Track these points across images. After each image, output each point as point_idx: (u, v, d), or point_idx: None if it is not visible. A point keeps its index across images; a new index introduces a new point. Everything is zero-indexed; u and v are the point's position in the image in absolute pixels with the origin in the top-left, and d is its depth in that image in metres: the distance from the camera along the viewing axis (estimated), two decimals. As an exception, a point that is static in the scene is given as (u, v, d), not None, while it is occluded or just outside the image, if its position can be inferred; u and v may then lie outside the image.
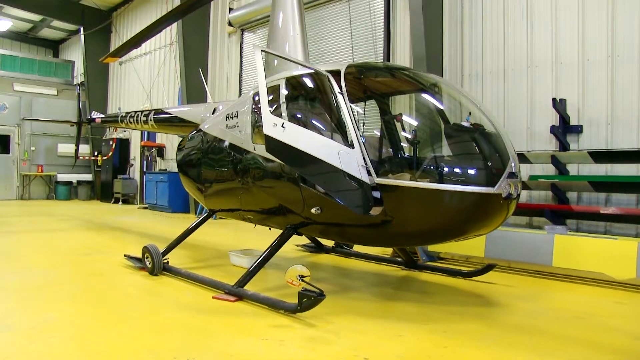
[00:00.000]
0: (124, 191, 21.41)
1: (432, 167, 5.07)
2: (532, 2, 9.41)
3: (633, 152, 7.95)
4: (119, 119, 11.82)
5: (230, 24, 16.34)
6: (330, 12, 13.06)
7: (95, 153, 23.70)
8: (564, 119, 8.73)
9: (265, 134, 5.07)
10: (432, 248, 8.17)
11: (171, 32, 18.78)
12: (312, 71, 5.76)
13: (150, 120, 10.33)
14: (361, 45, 12.02)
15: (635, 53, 8.21)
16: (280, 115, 5.57)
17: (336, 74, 5.45)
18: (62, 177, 23.69)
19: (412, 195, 4.84)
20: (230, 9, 16.31)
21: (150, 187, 18.46)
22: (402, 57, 11.32)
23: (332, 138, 5.30)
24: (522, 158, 8.64)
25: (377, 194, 5.05)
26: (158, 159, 20.23)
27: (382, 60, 11.48)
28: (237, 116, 6.78)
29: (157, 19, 9.32)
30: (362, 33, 12.07)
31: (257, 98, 6.26)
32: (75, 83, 26.56)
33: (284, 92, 5.93)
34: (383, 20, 11.70)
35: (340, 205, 5.10)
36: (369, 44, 11.77)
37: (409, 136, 5.81)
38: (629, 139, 8.22)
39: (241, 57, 16.39)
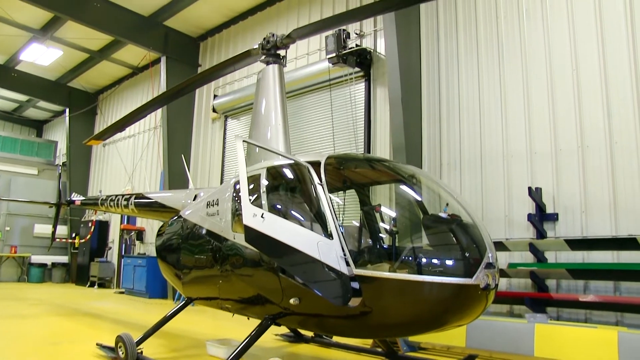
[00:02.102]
0: (100, 275, 20.96)
1: (410, 258, 5.11)
2: (506, 96, 9.79)
3: (607, 239, 8.08)
4: (99, 202, 11.79)
5: (214, 111, 16.66)
6: (312, 100, 13.42)
7: (73, 235, 23.37)
8: (540, 207, 8.89)
9: (244, 224, 5.10)
10: (412, 338, 8.06)
11: (156, 116, 19.08)
12: (293, 162, 5.88)
13: (131, 204, 10.34)
14: (342, 134, 12.31)
15: (602, 143, 8.51)
16: (260, 205, 5.63)
17: (316, 164, 5.56)
18: (37, 258, 23.08)
19: (391, 286, 4.84)
20: (215, 96, 16.70)
21: (128, 271, 18.13)
22: (382, 146, 11.57)
23: (311, 229, 5.35)
24: (501, 246, 8.73)
25: (355, 285, 5.04)
26: (137, 242, 19.98)
27: (362, 149, 11.74)
28: (217, 204, 6.83)
29: (143, 104, 9.51)
30: (343, 122, 12.39)
31: (238, 187, 6.33)
32: (56, 163, 26.55)
33: (264, 182, 6.02)
34: (364, 110, 12.04)
35: (319, 296, 5.07)
36: (350, 132, 12.07)
37: (388, 227, 5.87)
38: (602, 226, 8.34)
39: (224, 143, 16.59)
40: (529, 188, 8.88)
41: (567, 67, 9.09)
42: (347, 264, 5.01)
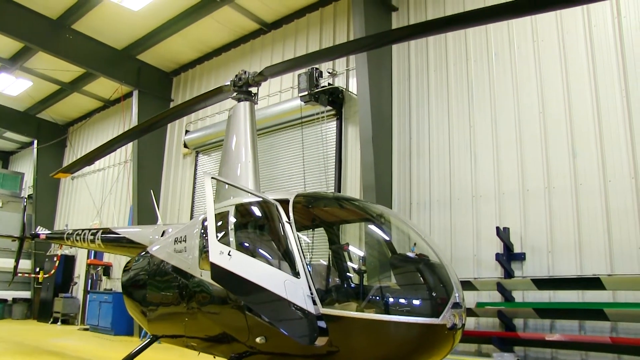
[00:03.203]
0: (64, 311, 20.36)
1: (377, 298, 5.10)
2: (475, 137, 10.00)
3: (573, 279, 8.22)
4: (65, 236, 11.56)
5: (185, 146, 16.60)
6: (284, 138, 13.48)
7: (37, 269, 22.72)
8: (507, 246, 9.00)
9: (211, 262, 5.05)
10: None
11: (126, 150, 18.92)
12: (261, 200, 5.87)
13: (98, 239, 10.16)
14: (313, 172, 12.36)
15: (567, 185, 8.71)
16: (227, 243, 5.59)
17: (285, 203, 5.57)
18: (-3, 293, 22.37)
19: (358, 325, 4.83)
20: (187, 131, 16.65)
21: (94, 307, 17.65)
22: (353, 185, 11.64)
23: (279, 267, 5.32)
24: (469, 285, 8.79)
25: (322, 324, 5.00)
26: (104, 278, 19.56)
27: (333, 188, 11.81)
28: (185, 240, 6.76)
29: (114, 137, 9.46)
30: (314, 160, 12.45)
31: (206, 223, 6.28)
32: (22, 196, 26.02)
33: (232, 219, 5.99)
34: (335, 149, 12.14)
35: (286, 335, 5.02)
36: (321, 171, 12.13)
37: (356, 266, 5.88)
38: (568, 266, 8.47)
39: (195, 179, 16.49)
40: (497, 228, 9.00)
41: (534, 109, 9.34)
42: (314, 302, 4.98)
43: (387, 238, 5.80)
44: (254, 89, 7.92)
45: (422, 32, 7.70)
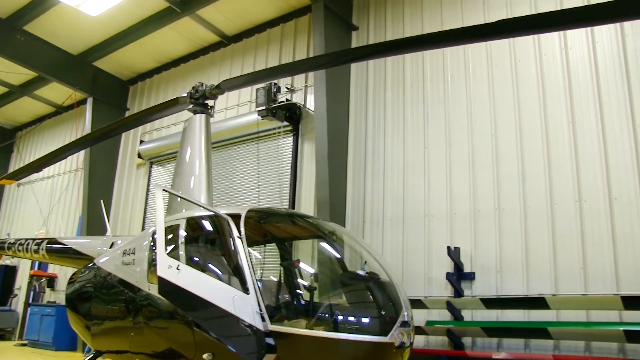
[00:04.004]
0: (1, 325, 19.38)
1: (327, 315, 5.11)
2: (429, 157, 10.13)
3: (520, 298, 8.38)
4: (6, 245, 11.11)
5: (139, 156, 16.28)
6: (240, 152, 13.39)
7: (-28, 281, 21.65)
8: (458, 266, 9.12)
9: (158, 276, 4.97)
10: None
11: (78, 158, 18.45)
12: (213, 214, 5.82)
13: (42, 249, 9.84)
14: (268, 187, 12.32)
15: (516, 206, 8.91)
16: (176, 257, 5.51)
17: (236, 217, 5.53)
18: None
19: (306, 342, 4.82)
20: (142, 141, 16.38)
21: (34, 320, 16.83)
22: (307, 201, 11.63)
23: (228, 282, 5.27)
24: (420, 304, 8.86)
25: (271, 341, 4.97)
26: (48, 290, 18.81)
27: (287, 203, 11.78)
28: (134, 253, 6.63)
29: (65, 144, 9.23)
30: (269, 175, 12.41)
31: (155, 236, 6.18)
32: (-38, 202, 24.97)
33: (182, 233, 5.92)
34: (290, 164, 12.11)
35: (233, 352, 4.97)
36: (276, 186, 12.10)
37: (306, 282, 5.89)
38: (515, 286, 8.63)
39: (148, 190, 16.17)
40: (448, 247, 9.12)
41: (486, 132, 9.55)
42: (263, 319, 4.95)
43: (338, 256, 5.83)
44: (210, 102, 7.90)
45: (381, 52, 7.84)
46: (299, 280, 6.18)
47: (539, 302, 8.02)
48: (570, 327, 7.81)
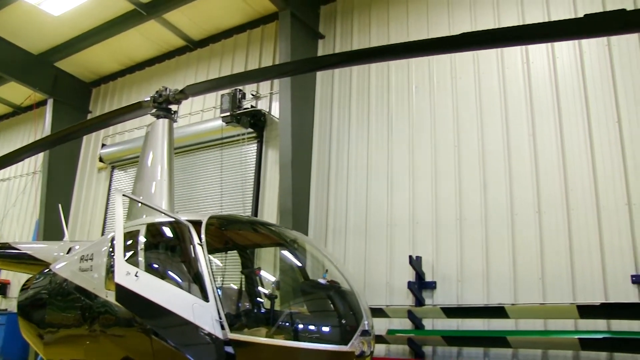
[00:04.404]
0: (-53, 334, 18.51)
1: (287, 324, 5.09)
2: (393, 166, 10.22)
3: (480, 307, 8.49)
4: (-46, 251, 10.69)
5: (101, 160, 15.96)
6: (203, 158, 13.26)
7: None
8: (419, 275, 9.19)
9: (116, 282, 4.87)
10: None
11: (36, 160, 17.97)
12: (173, 220, 5.73)
13: (-6, 255, 9.52)
14: (231, 194, 12.22)
15: (477, 217, 9.04)
16: (135, 263, 5.40)
17: (197, 224, 5.46)
18: None
19: (265, 351, 4.78)
20: (103, 145, 16.06)
21: (-17, 329, 16.25)
22: (270, 208, 11.57)
23: (188, 290, 5.19)
24: (381, 312, 8.89)
25: (230, 350, 4.91)
26: (-1, 297, 18.22)
27: (250, 211, 11.71)
28: (92, 259, 6.48)
29: (22, 146, 9.00)
30: (233, 182, 12.32)
31: (114, 242, 6.07)
32: None
33: (142, 239, 5.81)
34: (254, 172, 12.05)
35: (191, 360, 4.90)
36: (239, 193, 12.02)
37: (267, 291, 5.85)
38: (476, 295, 8.74)
39: (109, 195, 15.84)
40: (410, 257, 9.18)
41: (449, 143, 9.67)
42: (222, 327, 4.88)
43: (300, 264, 5.82)
44: (174, 107, 7.81)
45: (347, 62, 7.88)
46: (260, 288, 6.14)
47: (498, 312, 8.13)
48: (529, 335, 7.95)
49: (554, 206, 8.43)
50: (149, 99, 7.78)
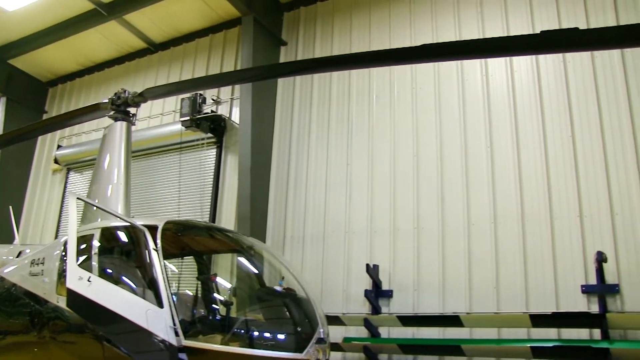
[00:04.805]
0: None
1: (242, 331, 5.06)
2: (352, 175, 10.27)
3: (435, 316, 8.60)
4: None
5: (56, 162, 15.54)
6: (162, 162, 13.08)
7: None
8: (376, 283, 9.23)
9: (67, 288, 4.76)
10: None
11: (-13, 161, 17.42)
12: (129, 224, 5.64)
13: (-64, 258, 9.13)
14: (189, 200, 12.08)
15: (434, 227, 9.15)
16: (88, 268, 5.30)
17: (153, 229, 5.38)
18: None
19: (220, 359, 4.73)
20: (59, 146, 15.66)
21: None
22: (228, 215, 11.47)
23: (142, 296, 5.11)
24: (337, 320, 8.88)
25: (184, 357, 4.84)
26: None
27: (208, 216, 11.60)
28: (43, 263, 6.31)
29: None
30: (191, 187, 12.18)
31: (67, 246, 5.93)
32: None
33: (96, 243, 5.69)
34: (213, 177, 11.94)
35: (144, 368, 4.81)
36: (197, 198, 11.89)
37: (223, 297, 5.81)
38: (431, 304, 8.83)
39: (64, 197, 15.44)
40: (367, 265, 9.21)
41: (408, 153, 9.78)
42: (177, 334, 4.82)
43: (256, 271, 5.80)
44: (132, 109, 7.70)
45: (309, 69, 7.91)
46: (215, 294, 6.09)
47: (453, 320, 8.23)
48: (483, 344, 8.06)
49: (509, 217, 8.59)
50: (107, 100, 7.65)
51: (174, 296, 5.07)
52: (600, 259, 7.33)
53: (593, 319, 7.37)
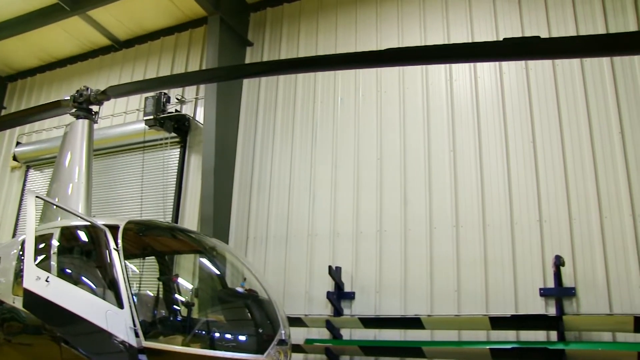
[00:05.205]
0: None
1: (203, 332, 5.05)
2: (315, 177, 10.29)
3: (397, 318, 8.68)
4: None
5: (15, 159, 15.17)
6: (125, 161, 12.87)
7: None
8: (339, 285, 9.28)
9: (24, 288, 4.67)
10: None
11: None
12: (89, 224, 5.56)
13: None
14: (152, 200, 11.92)
15: (397, 229, 9.24)
16: (47, 268, 5.20)
17: (114, 229, 5.32)
18: None
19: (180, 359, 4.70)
20: (18, 143, 15.29)
21: None
22: (191, 215, 11.39)
23: (102, 296, 5.04)
24: (300, 322, 8.88)
25: (143, 358, 4.80)
26: None
27: (170, 217, 11.49)
28: (-1, 262, 6.17)
29: None
30: (154, 187, 12.02)
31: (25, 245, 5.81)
32: None
33: (55, 242, 5.60)
34: (176, 177, 11.83)
35: (102, 369, 4.75)
36: (160, 198, 11.75)
37: (185, 298, 5.77)
38: (393, 306, 8.90)
39: (22, 196, 15.07)
40: (330, 267, 9.25)
41: (372, 156, 9.84)
42: (137, 335, 4.77)
43: (218, 272, 5.78)
44: (95, 107, 7.61)
45: (274, 70, 7.94)
46: (177, 295, 6.05)
47: (414, 323, 8.33)
48: (443, 346, 8.18)
49: (470, 221, 8.73)
50: (68, 98, 7.54)
51: (134, 297, 5.02)
52: (559, 262, 7.52)
53: (550, 321, 7.57)
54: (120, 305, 4.86)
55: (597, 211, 7.93)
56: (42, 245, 5.56)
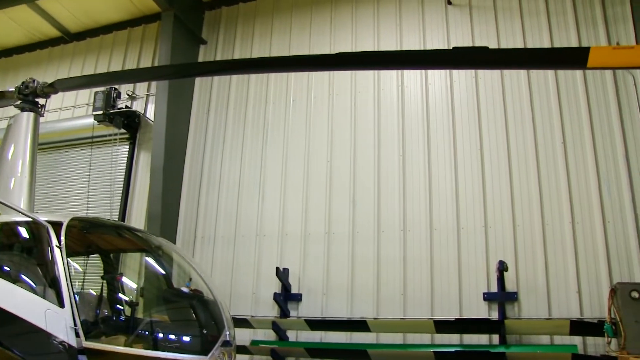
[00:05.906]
0: None
1: (146, 332, 4.98)
2: (265, 177, 10.29)
3: (343, 321, 8.78)
4: None
5: (-45, 151, 14.62)
6: (72, 156, 12.53)
7: None
8: (286, 287, 9.28)
9: (-43, 285, 4.51)
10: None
11: None
12: (30, 220, 5.41)
13: None
14: (99, 196, 11.66)
15: (345, 232, 9.33)
16: (-17, 264, 5.04)
17: (57, 225, 5.19)
18: None
19: (122, 361, 4.62)
20: (-41, 134, 14.75)
21: None
22: (139, 213, 11.20)
23: (42, 295, 4.90)
24: (246, 323, 8.86)
25: (83, 359, 4.69)
26: None
27: (117, 214, 11.28)
28: None
29: None
30: (101, 183, 11.76)
31: (-39, 241, 5.62)
32: None
33: (-7, 238, 5.43)
34: (124, 174, 11.64)
35: (41, 371, 4.62)
36: (107, 195, 11.50)
37: (129, 298, 5.68)
38: (340, 309, 8.98)
39: (-40, 189, 14.52)
40: (277, 268, 9.23)
41: (322, 158, 9.91)
42: (77, 335, 4.66)
43: (163, 271, 5.72)
44: (41, 100, 7.40)
45: (227, 70, 7.90)
46: (120, 294, 5.95)
47: (360, 325, 8.43)
48: (388, 349, 8.31)
49: (418, 225, 8.89)
50: (13, 89, 7.31)
51: (76, 296, 4.91)
52: (502, 267, 7.72)
53: (493, 325, 7.80)
54: (61, 304, 4.74)
55: (539, 218, 8.21)
56: (-21, 241, 5.39)
